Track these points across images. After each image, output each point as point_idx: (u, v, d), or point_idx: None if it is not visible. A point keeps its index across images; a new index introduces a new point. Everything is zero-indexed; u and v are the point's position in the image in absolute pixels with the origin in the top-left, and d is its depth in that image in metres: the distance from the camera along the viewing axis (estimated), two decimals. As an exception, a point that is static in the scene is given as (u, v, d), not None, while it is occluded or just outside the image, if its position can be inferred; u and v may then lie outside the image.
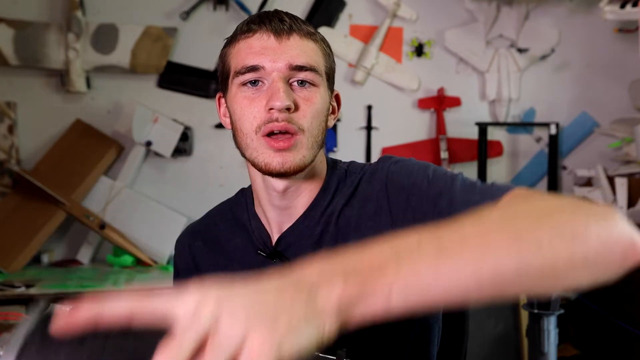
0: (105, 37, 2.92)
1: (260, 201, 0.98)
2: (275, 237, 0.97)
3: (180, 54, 3.07)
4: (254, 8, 3.03)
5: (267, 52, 0.89)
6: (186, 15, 3.03)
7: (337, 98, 1.01)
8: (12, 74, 2.92)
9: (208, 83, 3.10)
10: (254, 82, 0.89)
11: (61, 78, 2.92)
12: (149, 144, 2.92)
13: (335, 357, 0.63)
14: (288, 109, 0.87)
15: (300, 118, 0.89)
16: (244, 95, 0.90)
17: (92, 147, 2.89)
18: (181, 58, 3.07)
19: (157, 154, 2.98)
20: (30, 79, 2.95)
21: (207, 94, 3.11)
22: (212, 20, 3.09)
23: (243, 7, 3.04)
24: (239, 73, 0.90)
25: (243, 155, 0.94)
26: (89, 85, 2.96)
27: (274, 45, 0.89)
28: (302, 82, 0.90)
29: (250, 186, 1.03)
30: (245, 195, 1.04)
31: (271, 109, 0.87)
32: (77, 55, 2.86)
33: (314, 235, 0.94)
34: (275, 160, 0.88)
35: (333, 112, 0.99)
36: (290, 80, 0.89)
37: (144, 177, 3.02)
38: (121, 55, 2.93)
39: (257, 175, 0.94)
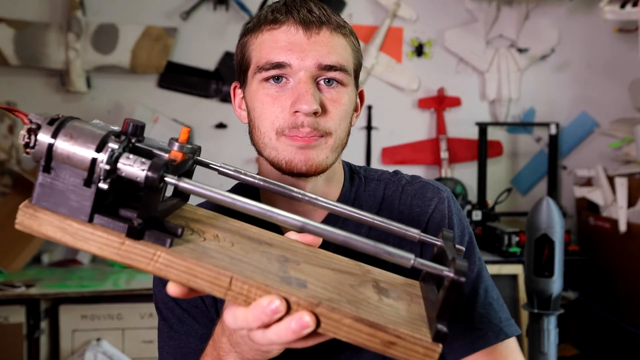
0: (105, 37, 2.92)
1: (273, 202, 0.90)
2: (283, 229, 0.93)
3: (180, 54, 3.07)
4: (254, 8, 3.03)
5: (294, 48, 0.81)
6: (186, 15, 3.03)
7: (361, 95, 0.94)
8: (12, 74, 2.92)
9: (208, 83, 3.10)
10: (278, 79, 0.83)
11: (61, 78, 2.92)
12: (149, 144, 2.92)
13: None
14: (315, 113, 0.81)
15: (328, 121, 0.83)
16: (266, 92, 0.83)
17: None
18: (181, 58, 3.08)
19: (157, 154, 2.98)
20: (30, 79, 2.95)
21: (207, 94, 3.11)
22: (212, 20, 3.09)
23: (243, 7, 3.04)
24: (262, 69, 0.83)
25: (259, 153, 0.87)
26: (89, 85, 2.96)
27: (303, 40, 0.81)
28: (329, 81, 0.83)
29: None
30: (248, 193, 0.95)
31: (297, 111, 0.81)
32: (77, 55, 2.86)
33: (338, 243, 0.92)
34: (297, 158, 0.82)
35: (356, 110, 0.92)
36: (318, 79, 0.83)
37: (144, 177, 3.02)
38: (121, 55, 2.93)
39: (274, 174, 0.87)
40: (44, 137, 0.55)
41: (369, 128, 3.23)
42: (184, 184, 0.57)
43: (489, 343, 0.88)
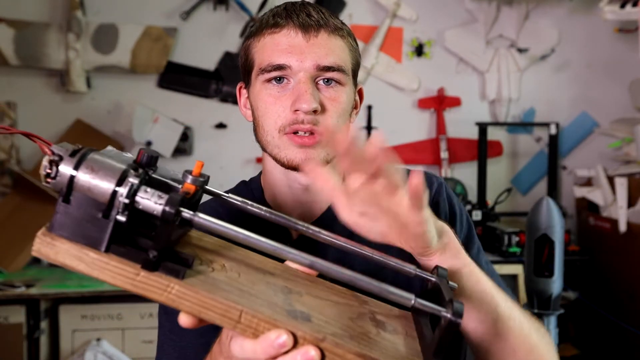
0: (105, 37, 2.92)
1: (277, 195, 0.95)
2: (293, 231, 0.94)
3: (180, 54, 3.07)
4: (254, 8, 3.03)
5: (294, 51, 0.86)
6: (186, 15, 3.03)
7: (360, 93, 0.99)
8: (12, 74, 2.92)
9: (208, 83, 3.10)
10: (279, 80, 0.88)
11: (61, 78, 2.92)
12: (149, 144, 2.92)
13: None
14: (314, 111, 0.86)
15: (327, 119, 0.87)
16: (268, 92, 0.88)
17: (92, 147, 2.89)
18: (181, 58, 3.08)
19: (157, 154, 2.98)
20: (30, 79, 2.95)
21: (207, 94, 3.11)
22: (212, 20, 3.09)
23: (243, 7, 3.04)
24: (265, 70, 0.88)
25: (263, 149, 0.92)
26: (89, 85, 2.96)
27: (302, 43, 0.86)
28: (328, 81, 0.88)
29: (253, 179, 1.02)
30: (251, 188, 1.00)
31: (297, 110, 0.85)
32: (77, 55, 2.86)
33: (343, 233, 0.94)
34: (298, 156, 0.87)
35: (355, 107, 0.97)
36: (317, 79, 0.88)
37: (144, 177, 3.02)
38: (121, 55, 2.93)
39: (278, 169, 0.92)
40: (66, 169, 0.57)
41: (369, 128, 3.23)
42: (199, 219, 0.59)
43: None
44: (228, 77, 3.10)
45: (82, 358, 2.43)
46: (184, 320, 0.59)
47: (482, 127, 3.18)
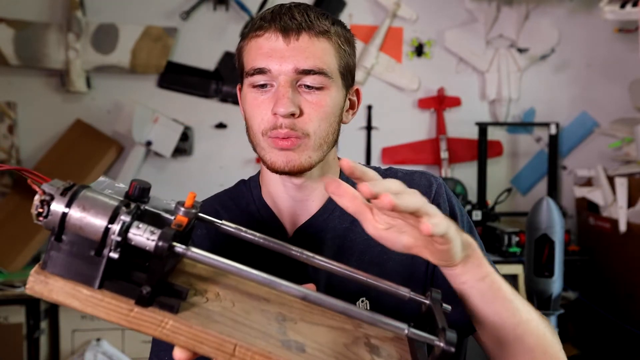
0: (105, 37, 2.92)
1: (273, 193, 0.97)
2: (288, 228, 0.96)
3: (180, 54, 3.07)
4: (254, 8, 3.03)
5: (274, 54, 0.87)
6: (186, 15, 3.03)
7: (357, 93, 0.99)
8: (12, 74, 2.92)
9: (208, 83, 3.10)
10: (263, 84, 0.89)
11: (61, 78, 2.92)
12: (149, 144, 2.92)
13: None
14: (292, 114, 0.86)
15: (306, 123, 0.88)
16: (253, 96, 0.90)
17: (92, 147, 2.89)
18: (181, 58, 3.08)
19: (157, 154, 2.98)
20: (30, 79, 2.95)
21: (207, 94, 3.11)
22: (212, 20, 3.09)
23: (243, 7, 3.04)
24: (248, 74, 0.90)
25: (254, 149, 0.94)
26: (89, 85, 2.96)
27: (282, 47, 0.87)
28: (309, 86, 0.88)
29: (252, 178, 1.02)
30: (250, 187, 1.01)
31: (276, 113, 0.87)
32: (77, 55, 2.86)
33: (337, 229, 0.95)
34: (280, 160, 0.88)
35: (352, 107, 0.97)
36: (298, 83, 0.88)
37: (144, 177, 3.02)
38: (121, 55, 2.93)
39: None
40: (57, 208, 0.57)
41: (369, 128, 3.23)
42: (192, 253, 0.59)
43: None
44: (228, 77, 3.10)
45: (82, 358, 2.43)
46: (179, 354, 0.60)
47: (482, 127, 3.18)
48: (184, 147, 3.02)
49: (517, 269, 2.70)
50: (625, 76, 3.26)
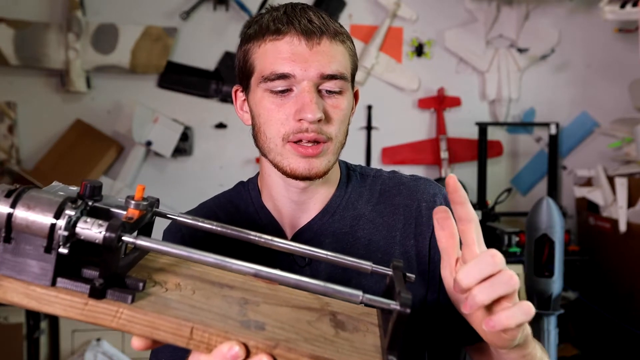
0: (105, 37, 2.92)
1: (274, 196, 0.96)
2: (287, 231, 0.96)
3: (180, 54, 3.07)
4: (254, 8, 3.03)
5: (297, 59, 0.85)
6: (186, 15, 3.03)
7: (356, 94, 0.98)
8: (12, 74, 2.92)
9: (208, 83, 3.10)
10: (283, 90, 0.87)
11: (61, 78, 2.92)
12: (149, 144, 2.92)
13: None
14: (319, 120, 0.85)
15: (330, 127, 0.87)
16: (271, 100, 0.87)
17: (92, 147, 2.90)
18: (181, 58, 3.08)
19: (157, 154, 2.98)
20: (30, 79, 2.96)
21: (207, 94, 3.11)
22: (212, 20, 3.09)
23: (243, 7, 3.04)
24: (267, 79, 0.86)
25: (264, 155, 0.92)
26: (89, 85, 2.96)
27: (305, 51, 0.85)
28: (329, 90, 0.88)
29: (251, 180, 1.02)
30: (248, 189, 1.00)
31: (301, 119, 0.85)
32: (77, 55, 2.87)
33: (337, 233, 0.94)
34: (301, 166, 0.87)
35: (352, 108, 0.97)
36: (320, 87, 0.87)
37: (144, 177, 3.03)
38: (121, 55, 2.93)
39: (275, 175, 0.92)
40: (2, 209, 0.57)
41: (369, 128, 3.23)
42: (141, 241, 0.60)
43: None
44: (228, 77, 3.10)
45: (82, 358, 2.43)
46: (137, 343, 0.60)
47: (482, 127, 3.18)
48: (184, 147, 3.02)
49: (517, 269, 2.70)
50: (625, 76, 3.26)
